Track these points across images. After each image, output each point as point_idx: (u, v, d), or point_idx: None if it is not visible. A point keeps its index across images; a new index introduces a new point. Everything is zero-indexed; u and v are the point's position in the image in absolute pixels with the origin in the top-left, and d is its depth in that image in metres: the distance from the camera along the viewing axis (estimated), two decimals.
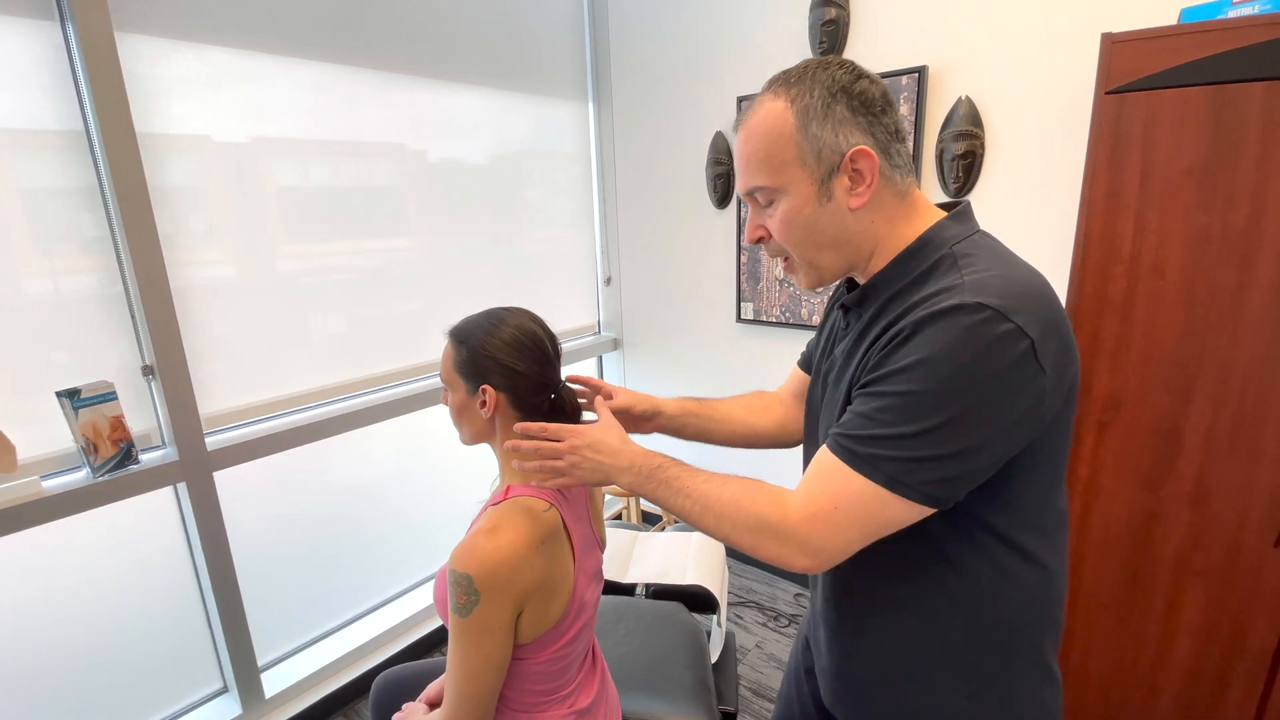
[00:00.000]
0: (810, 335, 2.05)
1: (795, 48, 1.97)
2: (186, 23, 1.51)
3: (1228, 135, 1.08)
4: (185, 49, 1.51)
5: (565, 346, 2.72)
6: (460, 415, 0.96)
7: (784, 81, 0.74)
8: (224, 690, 1.79)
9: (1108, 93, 1.19)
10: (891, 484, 0.64)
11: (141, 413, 1.54)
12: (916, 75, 1.74)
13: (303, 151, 1.76)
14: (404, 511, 2.19)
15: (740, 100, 2.10)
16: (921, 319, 0.64)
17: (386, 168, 1.94)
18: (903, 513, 0.65)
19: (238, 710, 1.73)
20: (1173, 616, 1.28)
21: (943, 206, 0.76)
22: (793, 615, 2.25)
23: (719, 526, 0.74)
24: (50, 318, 1.40)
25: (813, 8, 1.88)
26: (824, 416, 0.81)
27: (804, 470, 0.75)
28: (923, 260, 0.71)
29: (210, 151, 1.59)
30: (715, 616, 1.72)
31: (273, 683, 1.81)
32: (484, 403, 0.91)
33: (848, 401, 0.72)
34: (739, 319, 2.28)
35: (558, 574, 0.89)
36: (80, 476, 1.44)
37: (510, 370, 0.91)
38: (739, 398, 1.09)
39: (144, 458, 1.52)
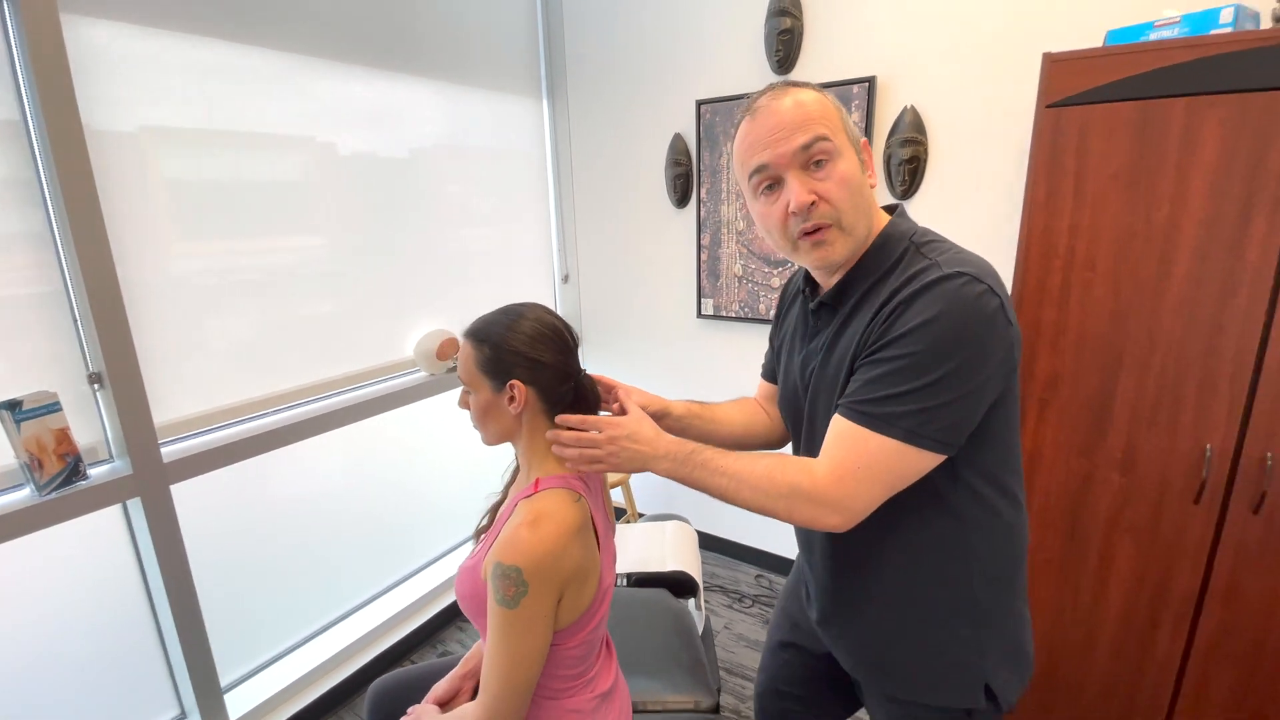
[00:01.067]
0: (766, 329, 2.16)
1: (753, 56, 2.06)
2: None
3: (1151, 145, 1.24)
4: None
5: None
6: (486, 415, 0.96)
7: (801, 84, 0.82)
8: (181, 717, 1.68)
9: (1048, 106, 1.33)
10: (909, 437, 0.72)
11: (85, 424, 1.42)
12: (867, 85, 1.87)
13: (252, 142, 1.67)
14: (360, 520, 2.12)
15: (700, 103, 2.17)
16: (911, 293, 0.74)
17: (321, 160, 1.85)
18: (919, 463, 0.74)
19: None
20: (1106, 568, 1.45)
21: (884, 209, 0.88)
22: (755, 596, 2.35)
23: (754, 498, 0.80)
24: None
25: (769, 17, 1.97)
26: (820, 400, 0.88)
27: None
28: (890, 253, 0.81)
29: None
30: (693, 600, 1.79)
31: (237, 704, 1.72)
32: (512, 399, 0.92)
33: (849, 378, 0.80)
34: (699, 314, 2.36)
35: (590, 560, 0.92)
36: (24, 495, 1.32)
37: (536, 363, 0.92)
38: (733, 403, 1.16)
39: (91, 472, 1.41)
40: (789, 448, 1.04)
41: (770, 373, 1.14)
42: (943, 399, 0.71)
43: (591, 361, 2.81)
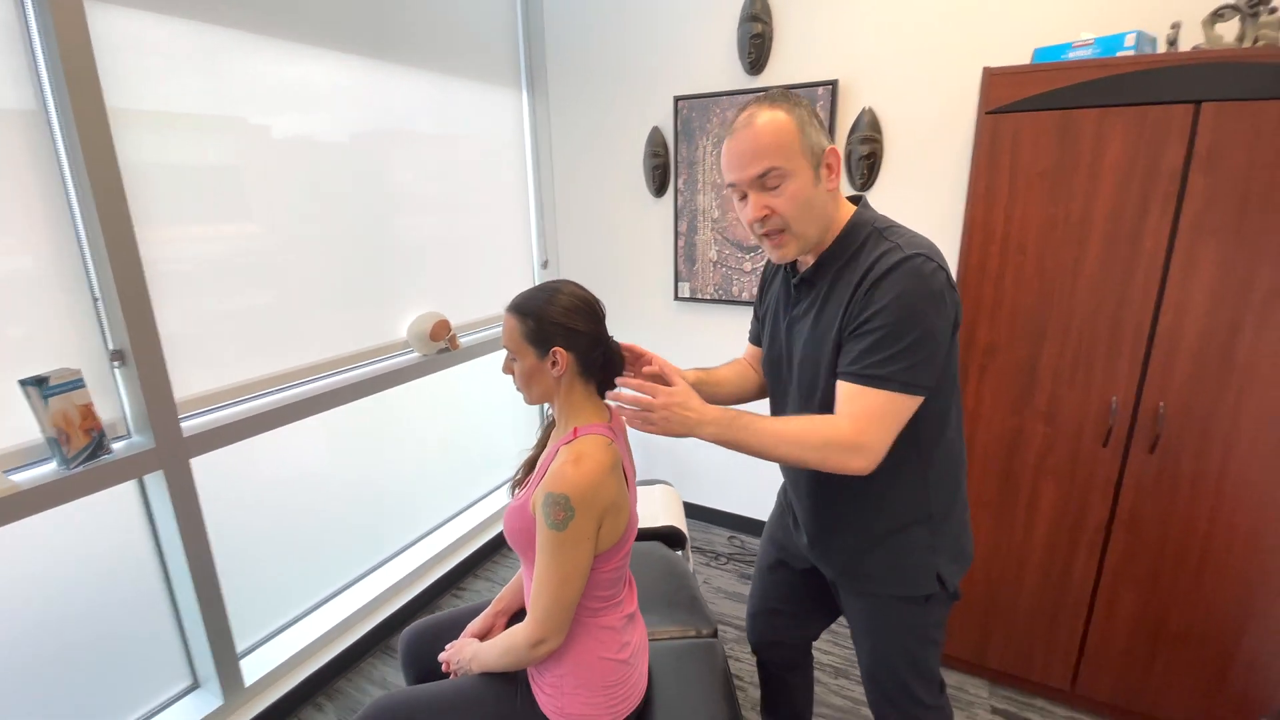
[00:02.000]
0: (741, 309, 2.34)
1: (727, 57, 2.23)
2: None
3: (1069, 149, 1.49)
4: None
5: (495, 331, 2.86)
6: (531, 379, 1.10)
7: (770, 100, 1.00)
8: (194, 686, 1.75)
9: (987, 113, 1.56)
10: (904, 387, 0.93)
11: (103, 402, 1.47)
12: (830, 87, 2.07)
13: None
14: (365, 490, 2.21)
15: (678, 99, 2.33)
16: (879, 275, 0.94)
17: (300, 146, 1.93)
18: (912, 405, 0.95)
19: (218, 702, 1.71)
20: (1033, 507, 1.71)
21: (849, 199, 1.08)
22: (730, 554, 2.56)
23: (791, 451, 0.97)
24: None
25: (741, 22, 2.15)
26: (801, 365, 1.09)
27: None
28: (856, 237, 1.01)
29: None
30: (682, 552, 1.97)
31: (252, 670, 1.79)
32: (555, 363, 1.06)
33: (836, 347, 1.00)
34: (676, 297, 2.53)
35: (621, 495, 1.08)
36: (50, 469, 1.37)
37: (574, 332, 1.07)
38: (728, 366, 1.36)
39: (114, 447, 1.46)
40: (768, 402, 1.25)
41: (756, 338, 1.34)
42: (921, 355, 0.92)
43: None
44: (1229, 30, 1.45)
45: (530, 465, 1.25)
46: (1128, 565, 1.64)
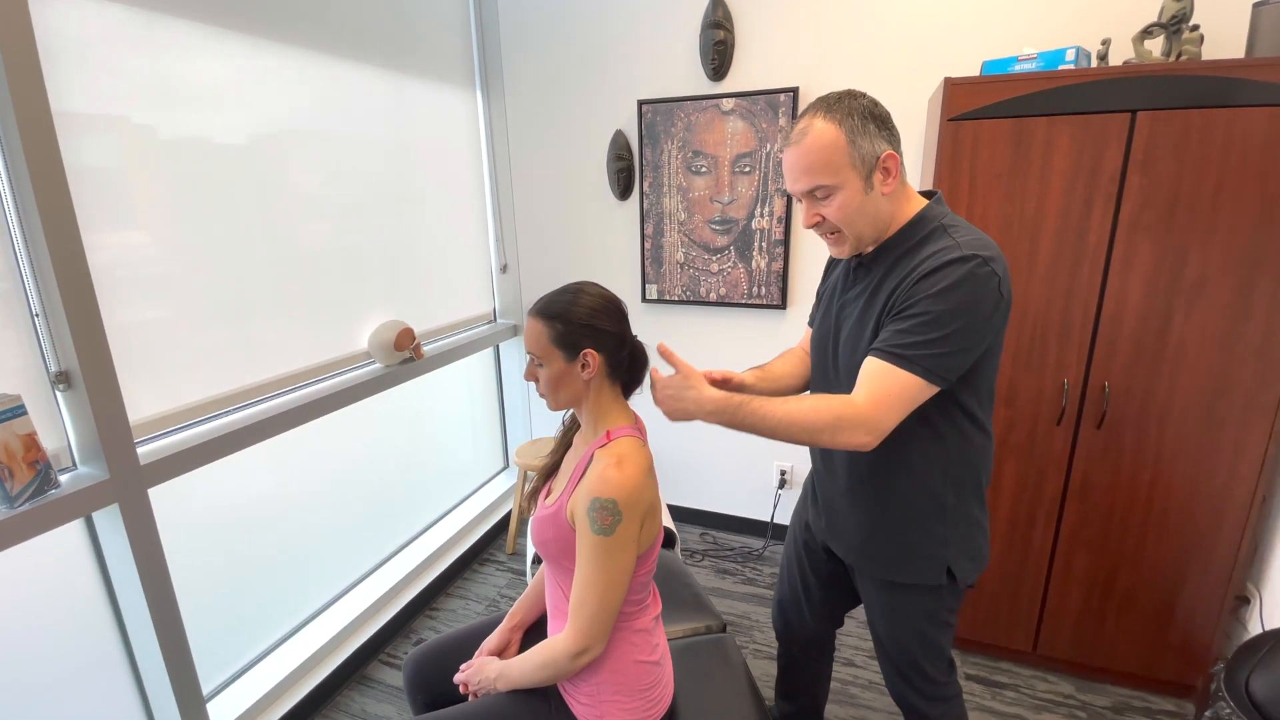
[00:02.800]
0: (709, 310, 2.37)
1: (690, 62, 2.27)
2: None
3: (1022, 153, 1.62)
4: None
5: (458, 338, 2.83)
6: (559, 383, 1.07)
7: (825, 106, 1.03)
8: None
9: (949, 120, 1.67)
10: (927, 374, 0.97)
11: (46, 428, 1.31)
12: (792, 94, 2.15)
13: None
14: (333, 506, 2.08)
15: (642, 103, 2.34)
16: (936, 266, 0.99)
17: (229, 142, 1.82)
18: (926, 394, 1.00)
19: None
20: (997, 483, 1.85)
21: (923, 194, 1.11)
22: (704, 550, 2.60)
23: (801, 432, 1.01)
24: None
25: (704, 29, 2.20)
26: (845, 342, 1.13)
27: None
28: (922, 229, 1.05)
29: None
30: (673, 550, 1.99)
31: (220, 714, 1.65)
32: (585, 365, 1.05)
33: (876, 330, 1.04)
34: (644, 299, 2.55)
35: (656, 495, 1.08)
36: None
37: (603, 332, 1.06)
38: (781, 358, 1.39)
39: (61, 480, 1.31)
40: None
41: (813, 318, 1.35)
42: (951, 348, 0.97)
43: None
44: (1156, 46, 1.63)
45: (549, 472, 1.23)
46: (1080, 531, 1.80)
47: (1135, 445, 1.69)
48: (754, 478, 2.61)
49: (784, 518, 2.59)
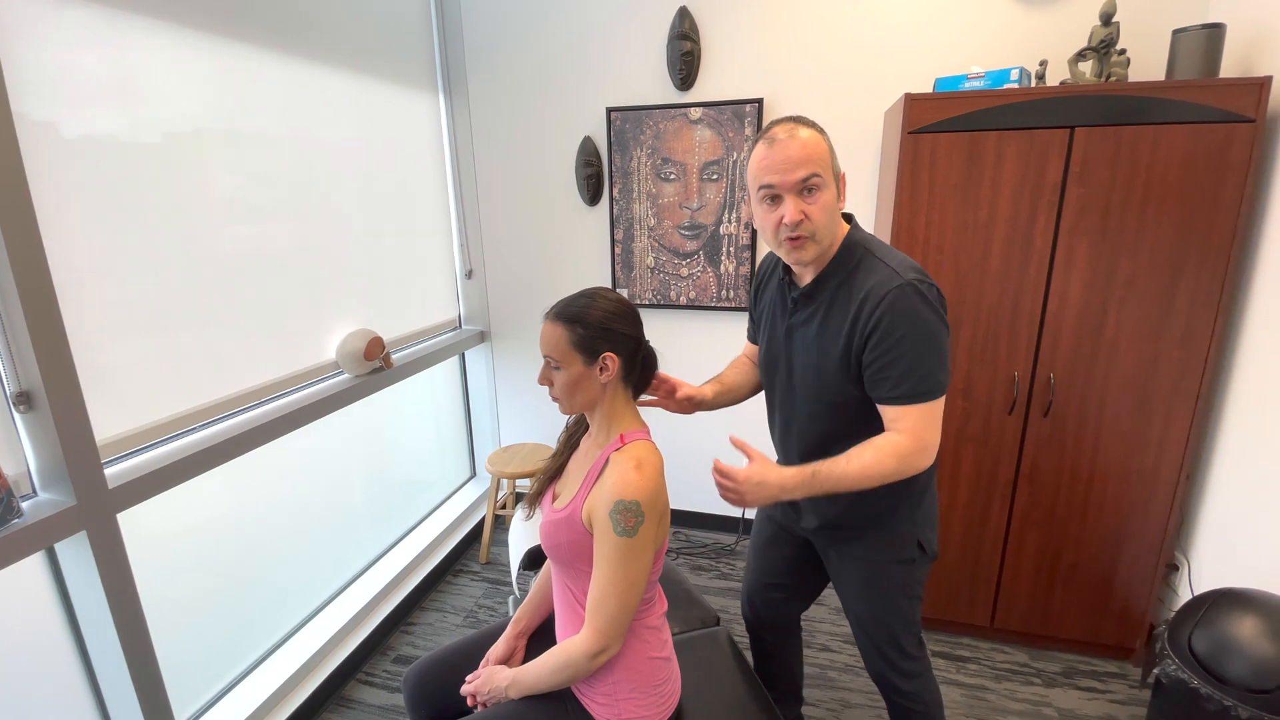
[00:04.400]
0: (679, 313, 2.42)
1: (658, 72, 2.32)
2: None
3: (975, 164, 1.75)
4: None
5: (424, 346, 2.80)
6: (576, 387, 1.08)
7: (805, 121, 1.12)
8: None
9: (910, 132, 1.79)
10: (941, 391, 1.09)
11: (4, 453, 1.23)
12: (757, 104, 2.24)
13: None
14: (297, 529, 2.01)
15: (610, 110, 2.37)
16: (887, 302, 1.08)
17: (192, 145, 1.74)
18: (943, 402, 1.11)
19: None
20: (957, 470, 1.98)
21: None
22: (677, 549, 2.65)
23: (875, 479, 1.10)
24: None
25: (671, 39, 2.25)
26: (805, 369, 1.22)
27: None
28: (852, 257, 1.16)
29: None
30: None
31: None
32: (603, 369, 1.07)
33: (844, 356, 1.13)
34: None
35: (667, 495, 1.11)
36: None
37: (621, 336, 1.09)
38: (733, 367, 1.49)
39: (24, 508, 1.22)
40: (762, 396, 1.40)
41: (754, 336, 1.45)
42: (942, 362, 1.09)
43: (501, 356, 2.87)
44: (1088, 68, 1.80)
45: (553, 475, 1.24)
46: (1030, 512, 1.95)
47: (1077, 430, 1.85)
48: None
49: (754, 513, 2.67)
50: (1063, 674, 1.97)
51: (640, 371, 1.15)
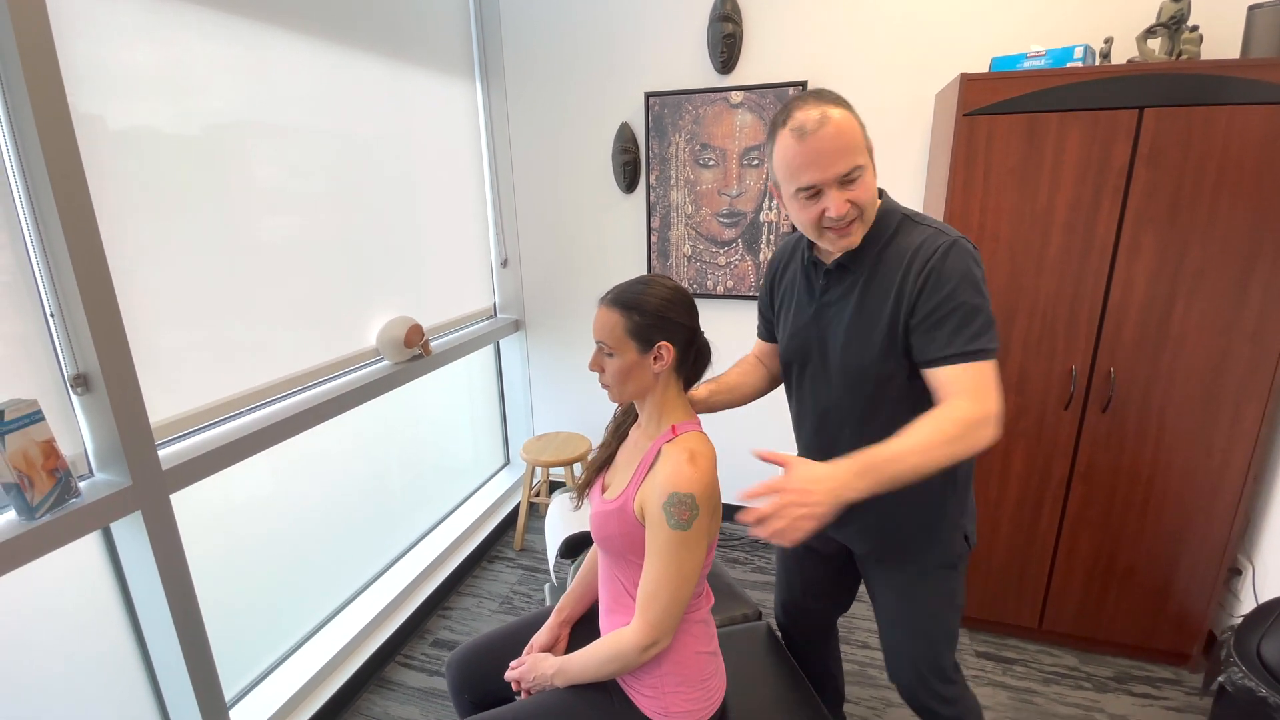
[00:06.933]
0: (715, 302, 2.36)
1: (698, 55, 2.28)
2: None
3: (1034, 147, 1.67)
4: None
5: (460, 334, 2.80)
6: (628, 375, 1.06)
7: (834, 100, 1.02)
8: None
9: (965, 115, 1.71)
10: (994, 352, 1.00)
11: (63, 434, 1.25)
12: (801, 87, 2.17)
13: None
14: (337, 513, 2.03)
15: (649, 95, 2.33)
16: (936, 260, 1.01)
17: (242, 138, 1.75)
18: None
19: None
20: (1007, 467, 1.92)
21: None
22: None
23: (942, 458, 0.92)
24: None
25: (712, 21, 2.20)
26: (844, 345, 1.12)
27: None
28: (889, 225, 1.09)
29: None
30: None
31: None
32: (658, 358, 1.05)
33: (892, 327, 1.05)
34: None
35: (720, 490, 1.09)
36: (10, 521, 1.14)
37: (677, 325, 1.06)
38: (735, 368, 1.38)
39: (80, 487, 1.25)
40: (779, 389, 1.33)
41: (767, 335, 1.36)
42: (992, 322, 1.01)
43: (535, 344, 2.87)
44: (1158, 45, 1.70)
45: (601, 466, 1.22)
46: (1084, 512, 1.88)
47: (1138, 428, 1.77)
48: (759, 465, 2.64)
49: None
50: (1115, 679, 1.90)
51: (694, 363, 1.12)
